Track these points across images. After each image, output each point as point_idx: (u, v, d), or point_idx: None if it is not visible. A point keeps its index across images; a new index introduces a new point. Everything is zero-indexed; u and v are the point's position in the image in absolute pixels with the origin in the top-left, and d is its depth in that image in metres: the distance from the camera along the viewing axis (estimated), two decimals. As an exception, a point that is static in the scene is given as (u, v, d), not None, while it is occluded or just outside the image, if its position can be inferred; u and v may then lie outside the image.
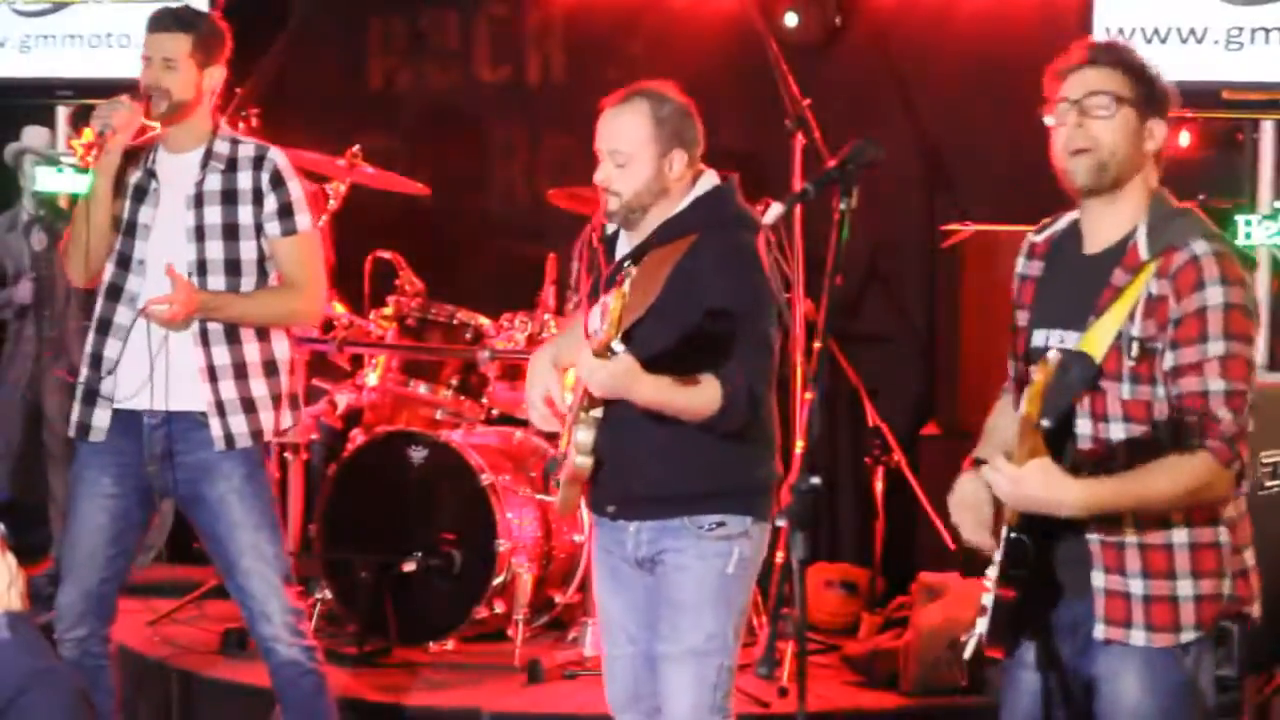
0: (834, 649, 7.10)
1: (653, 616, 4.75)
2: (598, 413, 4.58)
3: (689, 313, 4.53)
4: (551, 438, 7.25)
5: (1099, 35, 7.17)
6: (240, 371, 5.56)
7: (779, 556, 3.77)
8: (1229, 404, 3.81)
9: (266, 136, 5.99)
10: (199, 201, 5.56)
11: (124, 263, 5.60)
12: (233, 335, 5.55)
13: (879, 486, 7.54)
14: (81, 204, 5.64)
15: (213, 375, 5.52)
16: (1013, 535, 3.89)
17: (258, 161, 5.61)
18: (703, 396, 4.50)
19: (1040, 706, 4.10)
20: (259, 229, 5.59)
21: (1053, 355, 3.70)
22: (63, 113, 9.05)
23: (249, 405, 5.56)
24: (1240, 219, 7.27)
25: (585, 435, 4.60)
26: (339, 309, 7.46)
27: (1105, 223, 4.02)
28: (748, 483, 4.69)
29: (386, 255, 7.62)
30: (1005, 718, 4.20)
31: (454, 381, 7.40)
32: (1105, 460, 3.90)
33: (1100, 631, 3.96)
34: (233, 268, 5.56)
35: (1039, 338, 4.09)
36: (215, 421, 5.51)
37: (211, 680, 6.76)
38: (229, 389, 5.53)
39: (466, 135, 9.13)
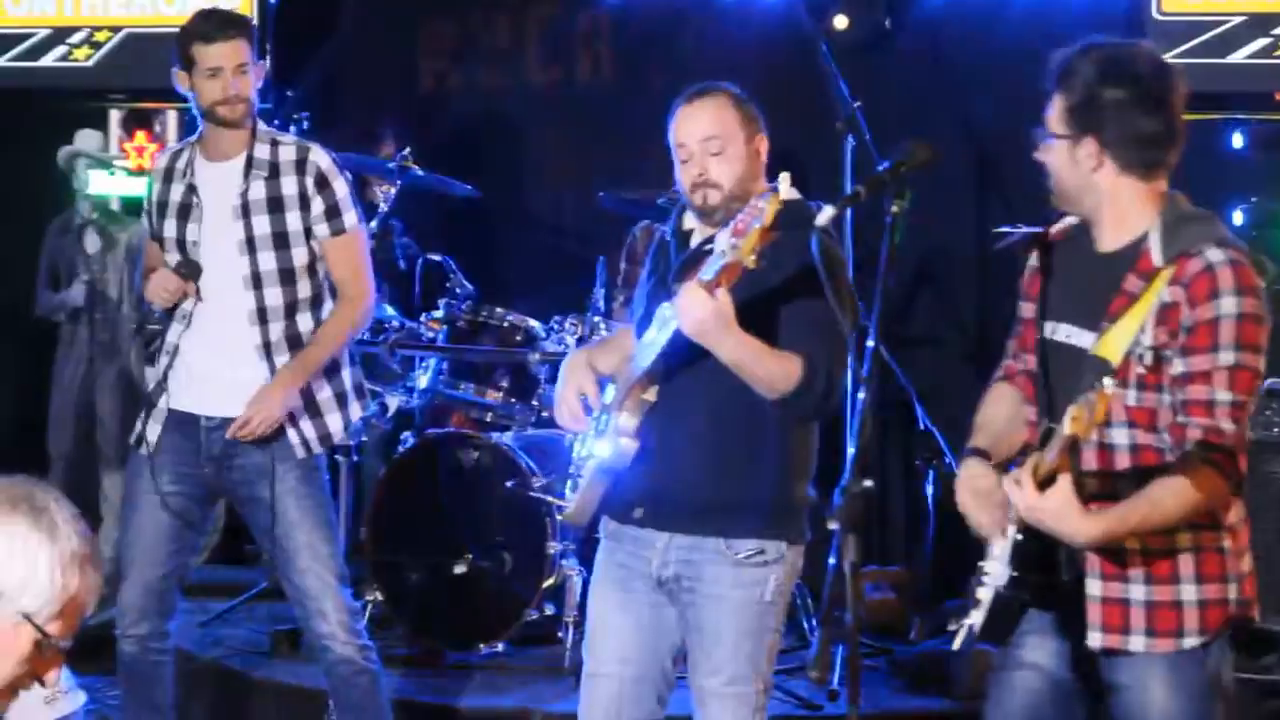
0: (885, 652, 7.09)
1: (660, 640, 4.63)
2: (651, 395, 4.47)
3: (769, 306, 4.42)
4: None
5: (1150, 35, 7.15)
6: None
7: (831, 560, 3.75)
8: (1232, 415, 3.81)
9: (318, 140, 5.99)
10: (246, 212, 5.56)
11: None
12: (295, 344, 5.57)
13: (930, 490, 7.52)
14: None
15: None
16: (1019, 536, 3.91)
17: (300, 165, 5.60)
18: (785, 366, 4.36)
19: (1034, 708, 4.11)
20: (308, 233, 5.59)
21: (1079, 400, 3.65)
22: (115, 116, 9.10)
23: (314, 409, 5.60)
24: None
25: (629, 420, 4.48)
26: (390, 311, 7.47)
27: (1112, 224, 4.02)
28: (784, 500, 4.57)
29: (437, 258, 7.63)
30: (994, 717, 4.20)
31: (504, 384, 7.40)
32: (1108, 467, 3.91)
33: (1096, 640, 3.96)
34: (287, 277, 5.57)
35: (1048, 329, 4.10)
36: (290, 430, 5.54)
37: (262, 681, 6.79)
38: (295, 395, 5.55)
39: (516, 137, 9.14)
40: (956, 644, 4.13)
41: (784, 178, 4.19)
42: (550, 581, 6.88)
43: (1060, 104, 4.02)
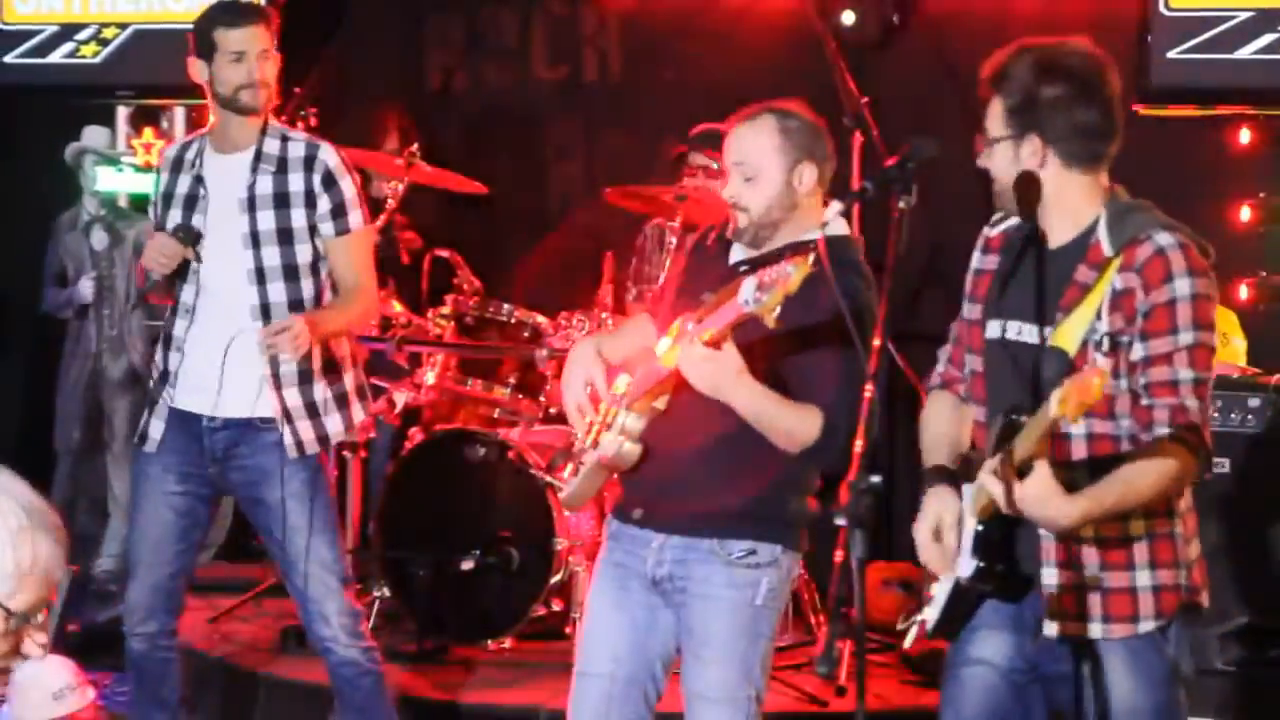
0: (892, 648, 7.08)
1: (653, 642, 4.62)
2: (661, 404, 4.46)
3: (794, 341, 4.39)
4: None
5: (1157, 31, 7.16)
6: (305, 377, 5.58)
7: (838, 555, 3.75)
8: (1196, 392, 3.87)
9: (325, 136, 5.99)
10: (251, 206, 5.55)
11: (180, 273, 5.60)
12: None
13: (937, 485, 7.50)
14: None
15: (278, 383, 5.54)
16: (980, 528, 3.94)
17: (309, 162, 5.58)
18: (803, 421, 4.36)
19: (993, 704, 4.12)
20: (313, 230, 5.58)
21: (1068, 382, 3.63)
22: (123, 113, 9.11)
23: (313, 410, 5.59)
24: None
25: (636, 422, 4.48)
26: (397, 308, 7.48)
27: (1058, 220, 4.05)
28: (781, 509, 4.55)
29: (444, 254, 7.63)
30: (950, 715, 4.22)
31: (512, 380, 7.40)
32: (1064, 457, 3.92)
33: (1053, 629, 3.99)
34: (290, 273, 5.56)
35: (993, 328, 4.12)
36: (286, 430, 5.53)
37: (271, 677, 6.79)
38: (294, 395, 5.55)
39: (524, 134, 9.15)
40: (909, 642, 4.17)
41: (832, 209, 4.13)
42: (558, 577, 6.89)
43: (999, 106, 4.05)
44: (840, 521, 3.71)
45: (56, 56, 8.69)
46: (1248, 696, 6.17)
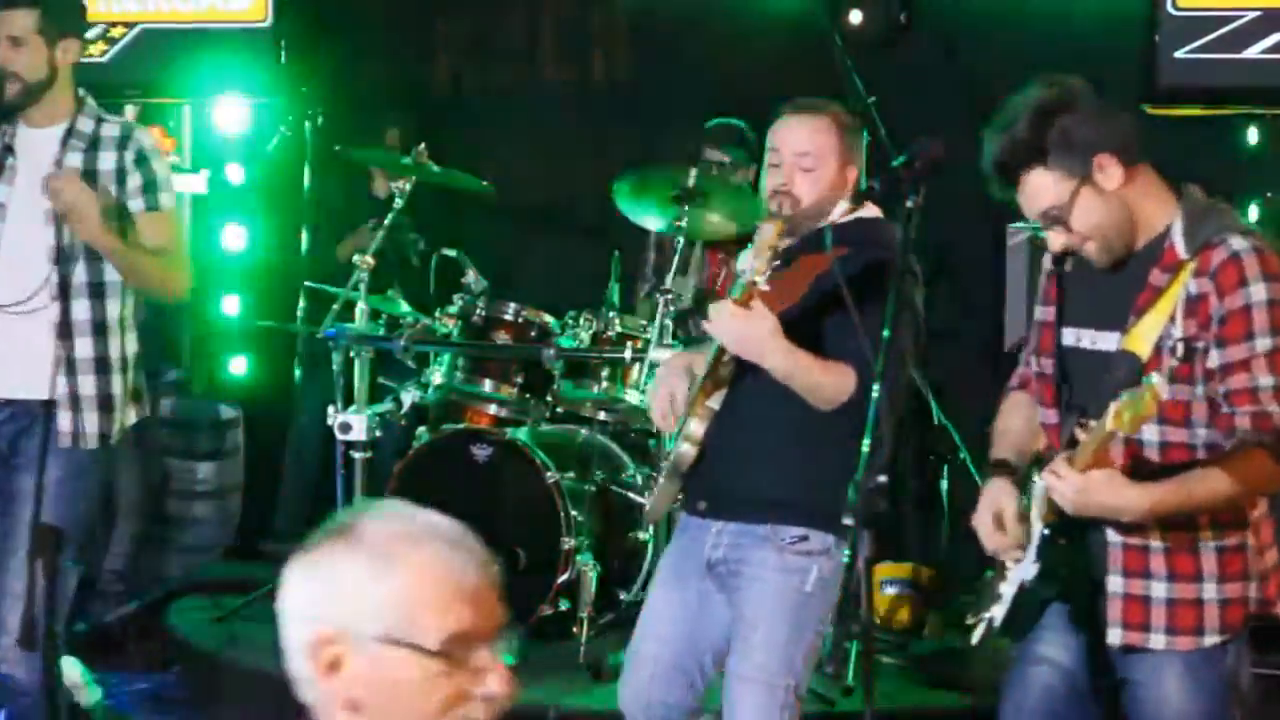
0: (899, 648, 7.09)
1: (703, 631, 4.69)
2: (715, 403, 4.57)
3: (828, 319, 4.47)
4: (619, 439, 7.31)
5: (1165, 31, 7.15)
6: (103, 366, 5.36)
7: (845, 555, 3.75)
8: (1277, 398, 3.81)
9: (331, 136, 5.98)
10: None
11: None
12: (100, 329, 5.36)
13: (944, 485, 7.51)
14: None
15: (71, 368, 5.31)
16: (1046, 532, 3.92)
17: (123, 141, 5.40)
18: (836, 379, 4.44)
19: (1051, 703, 4.11)
20: (121, 211, 5.36)
21: (1124, 394, 3.59)
22: (130, 112, 9.10)
23: (106, 403, 5.37)
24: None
25: (697, 426, 4.60)
26: (404, 308, 7.48)
27: (1140, 226, 3.97)
28: (837, 500, 4.58)
29: (451, 253, 7.62)
30: (1010, 713, 4.21)
31: (519, 379, 7.39)
32: (1137, 463, 3.89)
33: (1116, 636, 3.97)
34: (93, 252, 5.33)
35: (1069, 336, 4.09)
36: (65, 416, 5.31)
37: (278, 677, 6.77)
38: (89, 385, 5.33)
39: (530, 133, 9.14)
40: (975, 638, 4.15)
41: (838, 209, 4.20)
42: (564, 577, 6.89)
43: (1047, 178, 3.90)
44: (847, 521, 3.72)
45: (64, 56, 8.69)
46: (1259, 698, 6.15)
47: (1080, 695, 4.12)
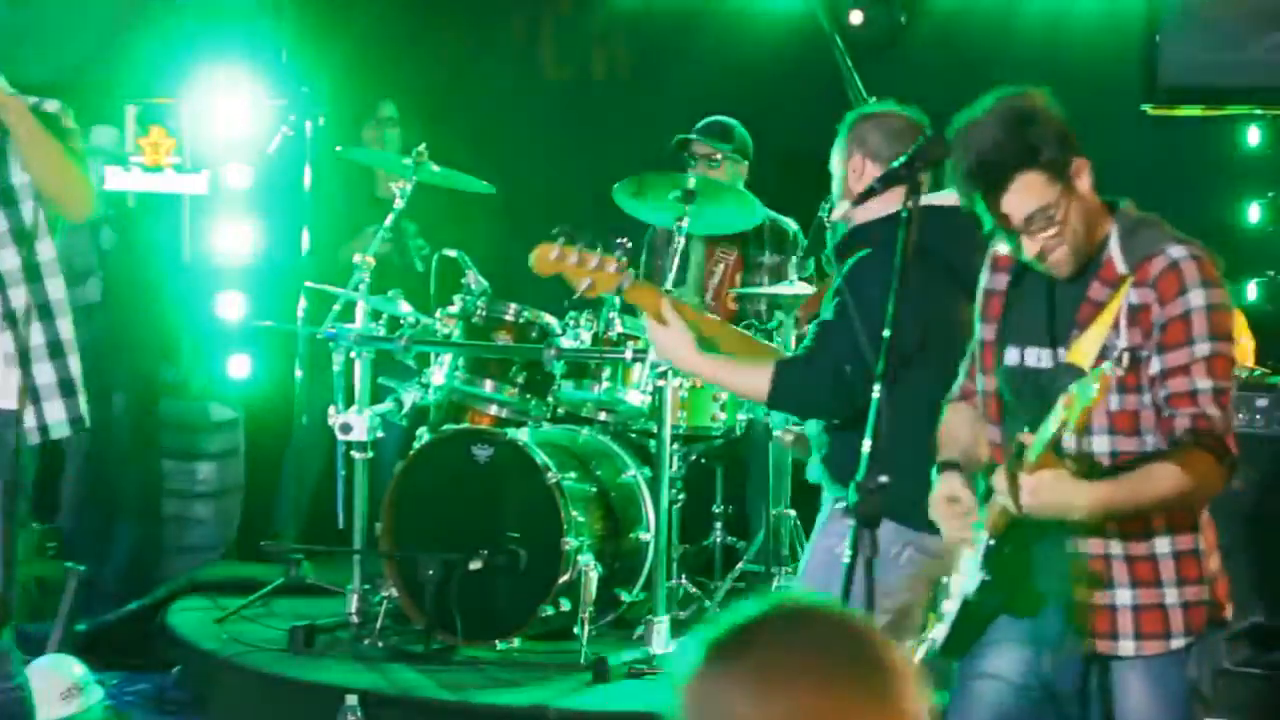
0: (900, 648, 7.08)
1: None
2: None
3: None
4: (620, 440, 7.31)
5: (1165, 31, 7.15)
6: (56, 350, 5.21)
7: (846, 554, 3.75)
8: (1217, 401, 3.85)
9: (333, 136, 5.98)
10: None
11: None
12: (45, 312, 5.20)
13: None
14: None
15: (24, 359, 5.12)
16: (991, 543, 3.91)
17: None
18: (753, 381, 4.74)
19: (1001, 717, 4.10)
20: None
21: (1073, 387, 3.60)
22: (131, 112, 9.11)
23: (35, 394, 5.16)
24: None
25: None
26: (405, 308, 7.48)
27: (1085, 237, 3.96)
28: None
29: (452, 254, 7.62)
30: None
31: (520, 380, 7.39)
32: (1089, 473, 3.88)
33: (1080, 645, 3.98)
34: (21, 233, 5.13)
35: (1011, 355, 4.07)
36: (29, 411, 5.12)
37: (278, 677, 6.79)
38: (46, 372, 5.17)
39: (531, 134, 9.14)
40: (918, 659, 4.14)
41: (841, 209, 4.22)
42: (565, 578, 6.89)
43: (1039, 178, 3.88)
44: (849, 520, 3.72)
45: (65, 56, 8.70)
46: (1257, 696, 6.16)
47: (1033, 708, 4.11)
